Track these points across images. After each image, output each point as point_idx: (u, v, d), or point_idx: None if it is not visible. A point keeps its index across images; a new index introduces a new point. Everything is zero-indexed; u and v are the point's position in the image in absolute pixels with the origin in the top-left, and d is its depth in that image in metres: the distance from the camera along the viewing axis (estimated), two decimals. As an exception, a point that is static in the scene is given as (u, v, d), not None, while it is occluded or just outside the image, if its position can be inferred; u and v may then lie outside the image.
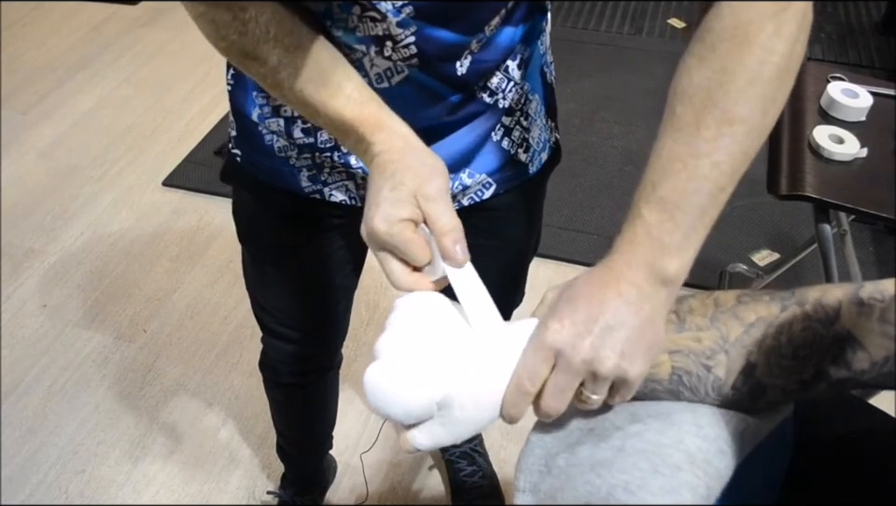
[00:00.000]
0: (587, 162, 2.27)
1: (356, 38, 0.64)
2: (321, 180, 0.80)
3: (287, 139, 0.77)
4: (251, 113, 0.78)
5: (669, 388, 0.51)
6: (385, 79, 0.68)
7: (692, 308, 0.52)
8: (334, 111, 0.61)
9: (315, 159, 0.78)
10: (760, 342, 0.49)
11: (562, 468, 0.52)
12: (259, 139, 0.79)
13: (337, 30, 0.64)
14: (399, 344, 0.53)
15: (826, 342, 0.47)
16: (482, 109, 0.75)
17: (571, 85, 2.61)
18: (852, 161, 1.24)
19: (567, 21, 3.02)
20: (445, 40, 0.64)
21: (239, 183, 0.89)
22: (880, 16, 2.98)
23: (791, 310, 0.49)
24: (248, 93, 0.78)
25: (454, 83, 0.70)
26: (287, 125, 0.76)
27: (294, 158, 0.79)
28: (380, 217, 0.55)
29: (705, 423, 0.50)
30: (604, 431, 0.52)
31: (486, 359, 0.52)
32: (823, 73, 1.43)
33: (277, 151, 0.79)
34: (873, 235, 1.97)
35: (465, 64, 0.68)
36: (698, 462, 0.47)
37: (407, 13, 0.60)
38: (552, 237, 2.00)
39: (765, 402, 0.50)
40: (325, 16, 0.63)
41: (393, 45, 0.64)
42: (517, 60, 0.73)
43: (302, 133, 0.76)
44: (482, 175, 0.81)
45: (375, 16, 0.61)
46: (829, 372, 0.47)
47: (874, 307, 0.46)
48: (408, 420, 0.52)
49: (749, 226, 2.02)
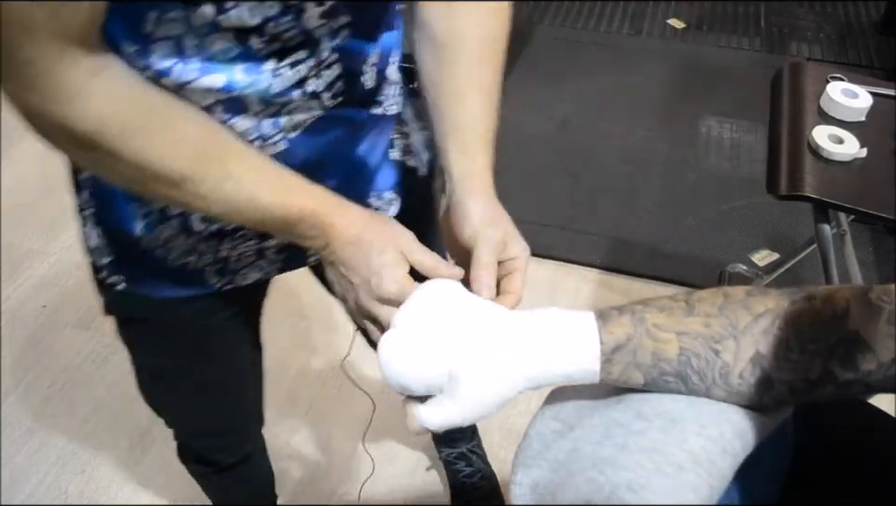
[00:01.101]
0: (587, 162, 2.27)
1: (278, 91, 0.60)
2: (230, 270, 0.75)
3: (187, 238, 0.70)
4: (134, 228, 0.69)
5: (678, 369, 0.51)
6: (298, 128, 0.64)
7: (701, 298, 0.52)
8: (287, 206, 0.59)
9: (218, 250, 0.72)
10: (767, 331, 0.49)
11: (562, 463, 0.52)
12: (147, 255, 0.71)
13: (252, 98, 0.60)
14: (415, 317, 0.56)
15: (833, 339, 0.47)
16: (378, 122, 0.73)
17: (571, 85, 2.61)
18: (852, 161, 1.24)
19: (566, 21, 3.02)
20: (356, 50, 0.63)
21: (129, 312, 0.81)
22: (880, 16, 2.99)
23: (800, 305, 0.50)
24: (123, 208, 0.69)
25: (363, 100, 0.68)
26: (184, 222, 0.69)
27: (195, 260, 0.72)
28: (389, 281, 0.59)
29: (709, 423, 0.50)
30: (606, 428, 0.52)
31: (495, 338, 0.53)
32: (823, 73, 1.43)
33: (172, 260, 0.72)
34: (872, 236, 1.97)
35: (371, 75, 0.67)
36: (702, 462, 0.47)
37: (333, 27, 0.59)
38: (551, 237, 2.00)
39: (771, 398, 0.50)
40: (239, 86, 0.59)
41: (317, 72, 0.61)
42: (395, 63, 0.72)
43: (203, 222, 0.69)
44: (388, 192, 0.80)
45: (300, 57, 0.59)
46: (836, 372, 0.47)
47: (882, 309, 0.46)
48: (418, 389, 0.54)
49: (749, 226, 2.02)
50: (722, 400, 0.52)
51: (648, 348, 0.51)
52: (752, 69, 2.69)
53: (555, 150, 2.32)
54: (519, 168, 2.24)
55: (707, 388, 0.51)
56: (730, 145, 2.33)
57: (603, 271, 1.93)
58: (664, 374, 0.51)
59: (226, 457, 1.04)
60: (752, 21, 3.00)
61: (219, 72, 0.57)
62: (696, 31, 2.95)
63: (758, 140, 2.32)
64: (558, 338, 0.52)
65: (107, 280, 0.76)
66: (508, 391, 0.53)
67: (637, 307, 0.53)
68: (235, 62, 0.57)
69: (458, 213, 0.65)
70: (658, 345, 0.51)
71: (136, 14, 0.53)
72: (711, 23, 2.99)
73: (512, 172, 2.22)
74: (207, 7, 0.52)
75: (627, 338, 0.51)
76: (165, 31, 0.54)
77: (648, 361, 0.51)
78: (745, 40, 2.89)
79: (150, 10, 0.53)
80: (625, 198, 2.14)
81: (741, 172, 2.21)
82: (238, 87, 0.58)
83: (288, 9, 0.54)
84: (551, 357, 0.52)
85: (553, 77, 2.66)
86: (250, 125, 0.61)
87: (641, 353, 0.51)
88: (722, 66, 2.73)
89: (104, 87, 0.50)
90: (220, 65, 0.57)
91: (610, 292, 1.87)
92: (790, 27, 2.97)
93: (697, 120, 2.43)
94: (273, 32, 0.56)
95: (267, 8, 0.53)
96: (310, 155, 0.66)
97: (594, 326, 0.52)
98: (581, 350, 0.52)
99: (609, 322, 0.52)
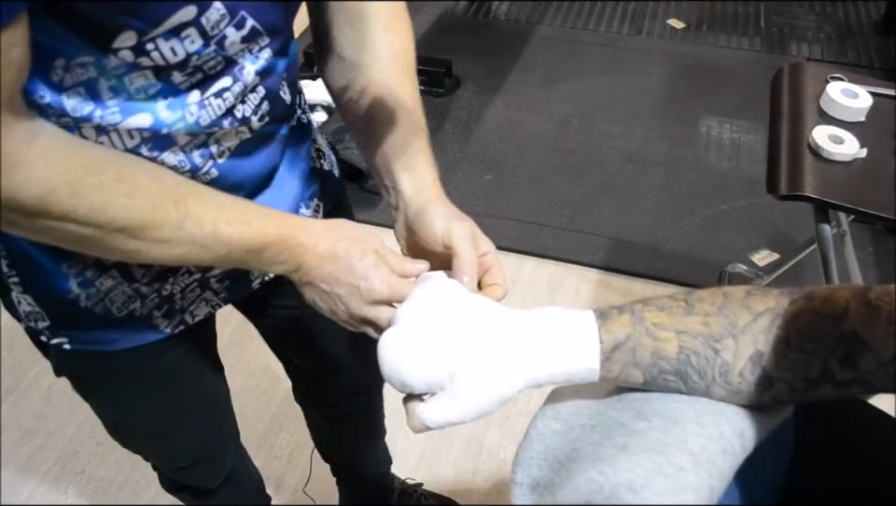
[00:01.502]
0: (586, 162, 2.27)
1: (208, 123, 0.59)
2: (177, 309, 0.74)
3: (129, 284, 0.68)
4: (68, 288, 0.67)
5: (677, 368, 0.51)
6: (225, 154, 0.64)
7: (700, 297, 0.53)
8: (251, 235, 0.58)
9: (161, 291, 0.71)
10: (767, 330, 0.49)
11: (562, 463, 0.52)
12: (88, 311, 0.69)
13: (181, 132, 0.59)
14: (415, 315, 0.57)
15: (833, 339, 0.48)
16: (296, 132, 0.74)
17: (570, 85, 2.62)
18: (852, 161, 1.24)
19: (566, 21, 3.02)
20: (274, 68, 0.62)
21: (81, 370, 0.79)
22: (879, 16, 2.99)
23: (800, 304, 0.50)
24: (51, 270, 0.66)
25: (284, 115, 0.68)
26: (123, 271, 0.67)
27: (139, 306, 0.70)
28: (378, 282, 0.60)
29: (709, 423, 0.50)
30: (607, 428, 0.52)
31: (496, 336, 0.54)
32: (823, 73, 1.43)
33: (116, 311, 0.70)
34: (872, 236, 1.97)
35: (285, 89, 0.67)
36: (702, 462, 0.47)
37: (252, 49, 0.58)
38: (551, 237, 2.00)
39: (771, 397, 0.51)
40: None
41: (243, 97, 0.61)
42: (297, 69, 0.72)
43: (142, 266, 0.68)
44: (314, 200, 0.80)
45: (225, 85, 0.58)
46: (835, 371, 0.48)
47: (881, 309, 0.46)
48: (419, 387, 0.55)
49: (749, 226, 2.02)
50: (722, 398, 0.52)
51: (647, 347, 0.51)
52: (752, 69, 2.69)
53: (555, 150, 2.32)
54: (519, 168, 2.24)
55: (707, 387, 0.51)
56: (730, 145, 2.33)
57: (603, 271, 1.93)
58: (663, 373, 0.51)
59: (211, 481, 1.03)
60: (752, 22, 3.01)
61: (142, 111, 0.55)
62: (696, 31, 2.95)
63: (758, 140, 2.32)
64: (559, 336, 0.52)
65: (50, 342, 0.72)
66: (508, 390, 0.53)
67: (636, 306, 0.53)
68: (156, 98, 0.55)
69: (422, 221, 0.66)
70: (658, 344, 0.51)
71: (43, 62, 0.50)
72: (711, 23, 2.99)
73: (512, 172, 2.22)
74: (125, 52, 0.50)
75: (627, 336, 0.51)
76: (75, 77, 0.52)
77: (647, 360, 0.51)
78: (745, 40, 2.89)
79: (57, 57, 0.51)
80: (625, 198, 2.14)
81: (741, 172, 2.21)
82: (165, 124, 0.57)
83: (210, 39, 0.53)
84: (551, 355, 0.52)
85: (552, 77, 2.66)
86: (180, 159, 0.60)
87: (641, 351, 0.51)
88: (722, 66, 2.73)
89: (43, 151, 0.48)
90: (141, 104, 0.55)
91: (610, 292, 1.87)
92: (789, 27, 2.97)
93: (697, 120, 2.43)
94: (195, 64, 0.54)
95: (189, 44, 0.52)
96: (240, 178, 0.66)
97: (594, 324, 0.52)
98: (581, 348, 0.52)
99: (608, 321, 0.52)
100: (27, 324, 0.72)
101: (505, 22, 3.02)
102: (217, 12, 0.52)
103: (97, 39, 0.49)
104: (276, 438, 1.56)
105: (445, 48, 2.77)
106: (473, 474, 1.50)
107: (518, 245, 1.97)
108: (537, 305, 0.56)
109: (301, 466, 1.52)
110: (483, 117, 2.46)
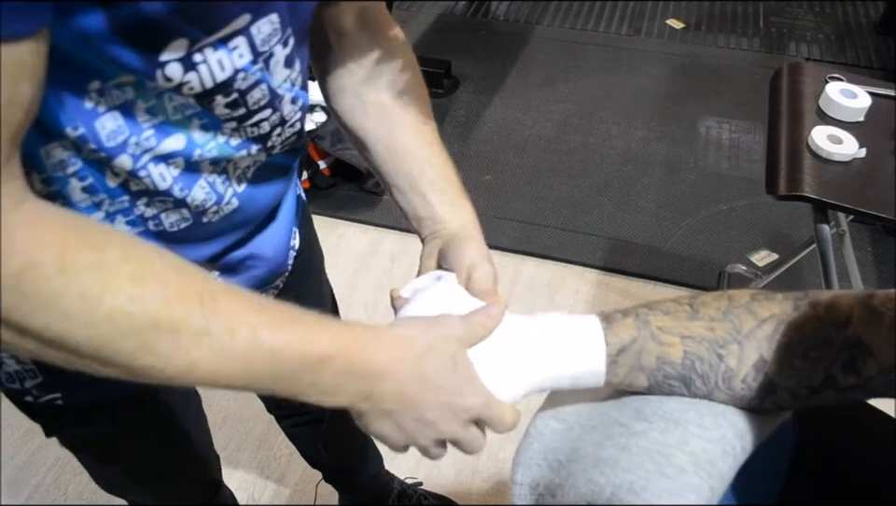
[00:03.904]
0: (586, 163, 2.27)
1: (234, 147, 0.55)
2: None
3: None
4: None
5: (681, 373, 0.51)
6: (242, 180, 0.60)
7: (705, 301, 0.53)
8: (305, 347, 0.46)
9: None
10: (771, 337, 0.49)
11: (562, 463, 0.52)
12: None
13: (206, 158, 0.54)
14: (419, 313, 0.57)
15: (836, 346, 0.48)
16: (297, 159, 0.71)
17: (570, 85, 2.62)
18: (851, 161, 1.24)
19: (565, 21, 3.02)
20: (301, 100, 0.60)
21: (74, 423, 0.72)
22: (878, 16, 2.99)
23: (804, 310, 0.50)
24: None
25: (301, 146, 0.66)
26: None
27: None
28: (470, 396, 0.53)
29: (709, 424, 0.50)
30: (607, 428, 0.52)
31: (502, 341, 0.54)
32: (821, 73, 1.44)
33: None
34: (871, 236, 1.97)
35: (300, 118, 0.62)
36: (702, 464, 0.47)
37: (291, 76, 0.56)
38: (551, 237, 2.00)
39: (772, 403, 0.51)
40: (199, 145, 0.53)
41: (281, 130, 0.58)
42: None
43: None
44: (295, 227, 0.78)
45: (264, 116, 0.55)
46: (838, 378, 0.48)
47: (884, 315, 0.46)
48: None
49: (748, 226, 2.02)
50: (723, 403, 0.52)
51: (652, 351, 0.51)
52: (751, 69, 2.69)
53: (554, 151, 2.32)
54: (519, 168, 2.24)
55: (710, 392, 0.51)
56: (729, 145, 2.33)
57: (602, 271, 1.93)
58: (667, 378, 0.52)
59: (202, 499, 1.02)
60: (751, 22, 3.01)
61: (177, 132, 0.50)
62: (696, 31, 2.95)
63: (757, 140, 2.32)
64: (564, 340, 0.52)
65: (40, 401, 0.64)
66: (514, 393, 0.53)
67: (641, 310, 0.53)
68: (192, 118, 0.51)
69: (454, 250, 0.65)
70: (662, 349, 0.51)
71: (77, 86, 0.45)
72: (710, 24, 2.99)
73: (512, 172, 2.22)
74: (172, 66, 0.44)
75: (632, 340, 0.51)
76: (111, 101, 0.46)
77: (652, 364, 0.51)
78: (744, 40, 2.89)
79: (92, 80, 0.44)
80: (624, 198, 2.14)
81: (740, 172, 2.21)
82: (198, 145, 0.52)
83: (258, 56, 0.50)
84: (557, 359, 0.52)
85: (552, 77, 2.66)
86: (207, 191, 0.55)
87: (646, 356, 0.51)
88: (721, 67, 2.73)
89: (32, 215, 0.39)
90: (176, 127, 0.50)
91: (610, 292, 1.87)
92: (788, 27, 2.97)
93: (696, 121, 2.43)
94: (239, 88, 0.50)
95: (237, 57, 0.48)
96: (255, 210, 0.64)
97: (599, 328, 0.52)
98: (587, 351, 0.52)
99: (613, 324, 0.52)
100: (8, 387, 0.64)
101: (504, 23, 3.02)
102: (269, 25, 0.49)
103: (147, 47, 0.43)
104: (276, 438, 1.56)
105: (444, 48, 2.77)
106: (473, 474, 1.50)
107: (517, 245, 1.97)
108: (536, 306, 0.56)
109: (300, 466, 1.52)
110: (482, 117, 2.46)
